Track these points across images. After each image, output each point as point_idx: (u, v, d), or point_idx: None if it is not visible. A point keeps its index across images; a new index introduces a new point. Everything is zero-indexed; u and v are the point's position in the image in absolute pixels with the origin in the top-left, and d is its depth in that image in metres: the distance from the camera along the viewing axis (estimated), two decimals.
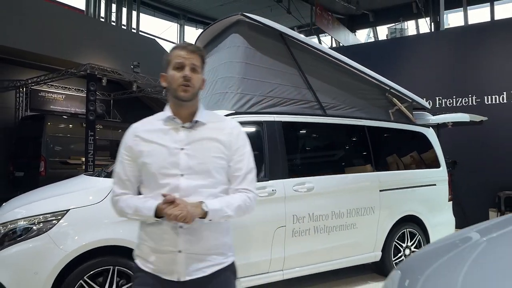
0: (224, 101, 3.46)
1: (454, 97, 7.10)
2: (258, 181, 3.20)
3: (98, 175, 3.31)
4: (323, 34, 20.52)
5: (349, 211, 3.60)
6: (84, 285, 2.57)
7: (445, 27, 19.21)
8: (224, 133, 1.59)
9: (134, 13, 16.81)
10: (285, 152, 3.38)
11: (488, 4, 17.44)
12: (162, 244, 1.49)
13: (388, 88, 4.27)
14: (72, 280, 2.53)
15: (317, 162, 3.98)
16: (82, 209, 2.66)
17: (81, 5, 15.57)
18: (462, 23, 17.97)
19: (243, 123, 3.40)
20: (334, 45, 20.88)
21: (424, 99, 7.08)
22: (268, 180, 3.23)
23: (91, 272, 2.58)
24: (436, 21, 17.92)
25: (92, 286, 2.59)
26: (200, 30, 21.61)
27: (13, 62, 10.72)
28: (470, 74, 7.03)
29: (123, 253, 2.63)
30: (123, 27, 15.82)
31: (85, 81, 9.88)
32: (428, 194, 4.23)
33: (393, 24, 18.22)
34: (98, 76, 9.62)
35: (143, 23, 17.98)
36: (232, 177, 1.59)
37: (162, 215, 1.42)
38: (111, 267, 2.64)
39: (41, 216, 2.61)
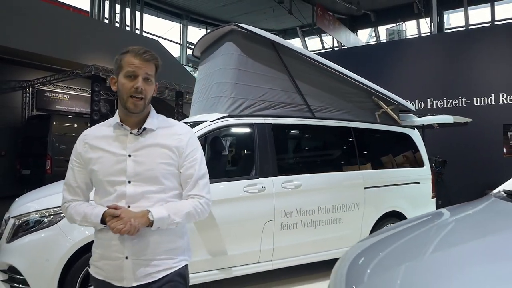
0: (219, 104, 3.74)
1: (445, 98, 7.35)
2: (249, 178, 3.52)
3: None
4: (325, 34, 20.65)
5: (335, 207, 3.88)
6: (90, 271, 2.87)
7: (446, 27, 19.42)
8: (174, 139, 1.58)
9: (138, 14, 17.07)
10: (275, 152, 3.67)
11: (489, 4, 17.57)
12: (110, 250, 1.49)
13: (374, 92, 4.53)
14: (80, 266, 2.83)
15: (304, 161, 4.27)
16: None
17: (86, 6, 15.86)
18: (463, 23, 18.17)
19: (236, 125, 3.73)
20: (335, 44, 21.05)
21: (416, 100, 7.39)
22: (258, 178, 3.52)
23: None
24: (436, 22, 18.11)
25: None
26: (203, 30, 21.93)
27: (20, 63, 10.99)
28: (460, 77, 7.28)
29: None
30: (127, 27, 16.10)
31: (90, 81, 10.15)
32: (411, 191, 4.49)
33: (392, 25, 18.36)
34: (102, 77, 9.93)
35: (147, 23, 18.25)
36: (184, 182, 1.59)
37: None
38: None
39: (51, 210, 2.91)
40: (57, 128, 10.21)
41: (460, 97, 7.22)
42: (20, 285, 2.78)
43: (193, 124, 3.53)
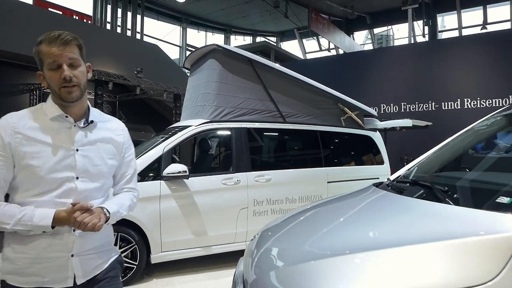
0: (203, 112, 4.47)
1: (416, 103, 8.06)
2: (227, 173, 4.25)
3: None
4: (321, 36, 21.13)
5: (301, 198, 4.61)
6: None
7: (440, 29, 19.98)
8: (117, 134, 1.55)
9: (139, 17, 17.65)
10: (249, 152, 4.41)
11: (481, 7, 18.12)
12: (48, 251, 1.35)
13: (340, 99, 5.25)
14: None
15: (275, 159, 5.02)
16: None
17: (89, 11, 16.51)
18: (456, 26, 18.76)
19: (216, 129, 4.47)
20: (331, 46, 21.59)
21: (392, 104, 8.10)
22: (234, 173, 4.25)
23: None
24: (429, 25, 18.68)
25: None
26: (202, 32, 22.53)
27: (27, 67, 11.64)
28: (430, 84, 7.99)
29: (124, 223, 3.67)
30: (128, 31, 16.75)
31: (93, 84, 10.87)
32: None
33: (383, 29, 18.86)
34: (104, 81, 10.63)
35: (147, 26, 18.80)
36: (121, 176, 1.57)
37: (57, 225, 1.31)
38: (116, 233, 3.68)
39: None
40: None
41: (430, 102, 7.93)
42: None
43: (181, 128, 4.27)
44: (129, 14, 17.06)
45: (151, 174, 3.87)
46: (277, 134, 5.00)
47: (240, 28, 23.55)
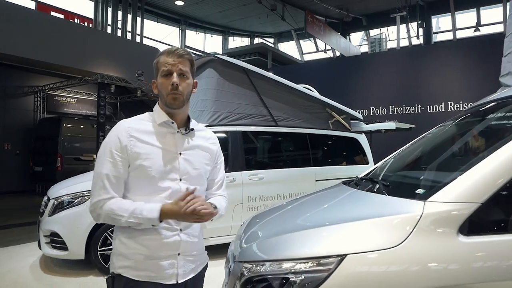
0: (202, 117, 4.92)
1: (404, 105, 8.53)
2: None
3: None
4: (317, 38, 21.32)
5: (291, 194, 5.06)
6: (108, 237, 4.07)
7: (435, 31, 20.36)
8: (211, 142, 1.67)
9: (139, 20, 17.90)
10: (244, 153, 4.86)
11: (475, 9, 18.51)
12: (161, 249, 1.45)
13: (327, 104, 5.71)
14: (100, 233, 4.04)
15: (267, 160, 5.48)
16: None
17: (90, 14, 16.83)
18: (450, 27, 19.16)
19: (215, 132, 4.90)
20: (328, 48, 21.91)
21: (380, 107, 8.56)
22: (230, 172, 4.71)
23: (111, 228, 4.08)
24: (423, 26, 19.08)
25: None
26: (200, 34, 22.83)
27: (31, 70, 12.01)
28: (417, 88, 8.46)
29: None
30: (128, 33, 17.08)
31: (95, 86, 11.24)
32: None
33: (375, 34, 19.16)
34: (107, 83, 11.03)
35: (147, 29, 19.08)
36: (211, 182, 1.68)
37: (164, 218, 1.41)
38: None
39: (79, 193, 4.11)
40: (67, 129, 11.31)
41: (416, 105, 8.40)
42: (58, 245, 3.98)
43: None
44: (129, 16, 17.33)
45: None
46: (269, 136, 5.45)
47: (238, 29, 23.87)
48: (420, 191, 1.63)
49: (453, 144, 2.18)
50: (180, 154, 1.53)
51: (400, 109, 8.59)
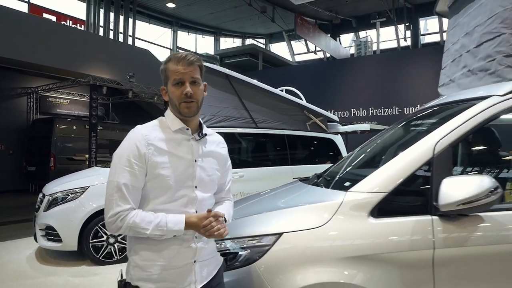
0: None
1: (382, 107, 8.99)
2: None
3: (104, 166, 5.20)
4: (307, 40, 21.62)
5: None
6: (99, 229, 4.45)
7: (423, 33, 20.83)
8: (220, 147, 1.68)
9: (131, 21, 17.87)
10: None
11: None
12: (177, 258, 1.45)
13: (305, 107, 6.12)
14: (92, 226, 4.42)
15: (247, 159, 5.88)
16: (96, 186, 4.55)
17: (82, 15, 17.03)
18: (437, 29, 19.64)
19: None
20: (318, 49, 22.22)
21: (361, 108, 9.00)
22: None
23: (102, 222, 4.47)
24: (410, 29, 19.54)
25: (103, 230, 4.48)
26: (192, 35, 23.06)
27: (24, 72, 12.22)
28: (395, 90, 8.91)
29: None
30: (120, 34, 17.30)
31: (88, 87, 11.48)
32: None
33: (362, 37, 19.48)
34: (99, 85, 11.32)
35: (139, 30, 19.20)
36: (222, 187, 1.68)
37: (186, 229, 1.40)
38: None
39: (72, 190, 4.48)
40: (60, 129, 11.59)
41: (394, 107, 8.86)
42: (53, 237, 4.36)
43: None
44: (121, 18, 17.50)
45: None
46: (250, 137, 5.85)
47: (229, 30, 24.14)
48: (347, 184, 2.04)
49: (387, 145, 2.59)
50: (196, 161, 1.51)
51: (379, 110, 9.03)
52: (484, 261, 1.74)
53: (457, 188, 1.70)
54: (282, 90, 7.73)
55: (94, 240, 4.45)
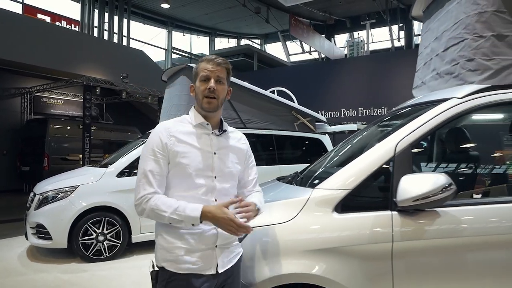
0: None
1: (371, 108, 9.12)
2: None
3: (95, 166, 5.30)
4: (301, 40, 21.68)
5: None
6: (88, 228, 4.55)
7: (417, 33, 20.99)
8: (241, 143, 1.80)
9: (125, 21, 17.89)
10: None
11: None
12: (202, 242, 1.55)
13: (293, 108, 6.25)
14: (81, 224, 4.53)
15: None
16: (86, 185, 4.66)
17: (77, 16, 17.05)
18: None
19: None
20: (313, 49, 22.33)
21: (351, 109, 9.15)
22: None
23: (91, 220, 4.57)
24: (404, 29, 19.70)
25: (93, 228, 4.58)
26: (187, 35, 23.11)
27: (18, 72, 12.27)
28: (384, 91, 9.05)
29: (110, 210, 4.61)
30: (114, 35, 17.34)
31: (81, 88, 11.54)
32: None
33: (353, 38, 19.56)
34: (92, 86, 11.39)
35: (134, 30, 19.15)
36: (248, 181, 1.82)
37: (203, 219, 1.46)
38: (103, 218, 4.63)
39: (62, 189, 4.58)
40: (53, 130, 11.63)
41: (383, 107, 9.00)
42: (43, 235, 4.46)
43: None
44: (116, 18, 17.52)
45: (134, 171, 4.83)
46: None
47: (224, 31, 24.19)
48: (315, 181, 2.16)
49: (358, 145, 2.72)
50: (215, 153, 1.63)
51: (368, 111, 9.17)
52: (439, 253, 1.87)
53: (414, 185, 1.83)
54: (273, 91, 7.86)
55: (84, 238, 4.56)
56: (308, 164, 3.14)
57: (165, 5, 18.15)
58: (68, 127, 12.32)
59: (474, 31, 2.31)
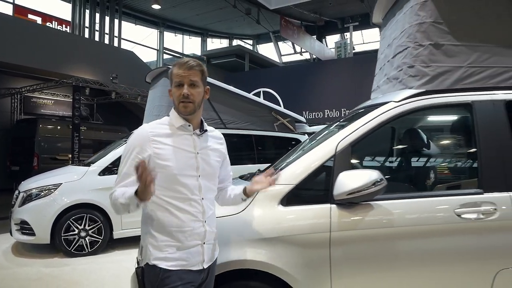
0: None
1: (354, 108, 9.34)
2: None
3: (79, 165, 5.49)
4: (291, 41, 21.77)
5: None
6: (71, 224, 4.74)
7: None
8: (220, 142, 1.88)
9: (116, 22, 17.80)
10: None
11: None
12: (190, 239, 1.63)
13: (273, 109, 6.46)
14: (64, 221, 4.72)
15: None
16: (69, 183, 4.85)
17: (67, 16, 17.08)
18: None
19: None
20: (304, 50, 22.46)
21: (334, 109, 9.37)
22: None
23: (74, 217, 4.76)
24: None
25: (75, 224, 4.77)
26: (179, 36, 23.15)
27: (8, 72, 12.27)
28: (367, 92, 9.25)
29: (92, 207, 4.81)
30: (105, 35, 17.39)
31: (71, 88, 11.60)
32: None
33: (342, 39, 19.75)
34: (82, 86, 11.50)
35: (125, 30, 19.03)
36: (226, 176, 1.95)
37: (142, 198, 1.45)
38: (85, 215, 4.82)
39: (46, 187, 4.76)
40: (43, 130, 11.67)
41: None
42: (27, 231, 4.64)
43: None
44: (107, 19, 17.49)
45: (114, 169, 5.02)
46: None
47: (216, 31, 24.25)
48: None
49: (311, 144, 2.93)
50: (198, 153, 1.69)
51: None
52: (372, 242, 2.09)
53: (349, 180, 2.04)
54: (259, 92, 8.07)
55: (66, 234, 4.74)
56: (271, 163, 3.35)
57: (155, 6, 18.22)
58: (58, 127, 12.35)
59: (415, 40, 2.53)
